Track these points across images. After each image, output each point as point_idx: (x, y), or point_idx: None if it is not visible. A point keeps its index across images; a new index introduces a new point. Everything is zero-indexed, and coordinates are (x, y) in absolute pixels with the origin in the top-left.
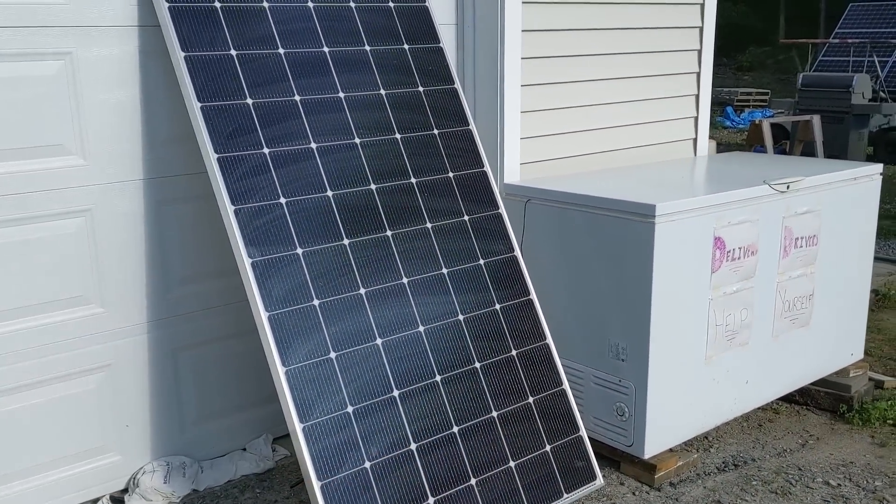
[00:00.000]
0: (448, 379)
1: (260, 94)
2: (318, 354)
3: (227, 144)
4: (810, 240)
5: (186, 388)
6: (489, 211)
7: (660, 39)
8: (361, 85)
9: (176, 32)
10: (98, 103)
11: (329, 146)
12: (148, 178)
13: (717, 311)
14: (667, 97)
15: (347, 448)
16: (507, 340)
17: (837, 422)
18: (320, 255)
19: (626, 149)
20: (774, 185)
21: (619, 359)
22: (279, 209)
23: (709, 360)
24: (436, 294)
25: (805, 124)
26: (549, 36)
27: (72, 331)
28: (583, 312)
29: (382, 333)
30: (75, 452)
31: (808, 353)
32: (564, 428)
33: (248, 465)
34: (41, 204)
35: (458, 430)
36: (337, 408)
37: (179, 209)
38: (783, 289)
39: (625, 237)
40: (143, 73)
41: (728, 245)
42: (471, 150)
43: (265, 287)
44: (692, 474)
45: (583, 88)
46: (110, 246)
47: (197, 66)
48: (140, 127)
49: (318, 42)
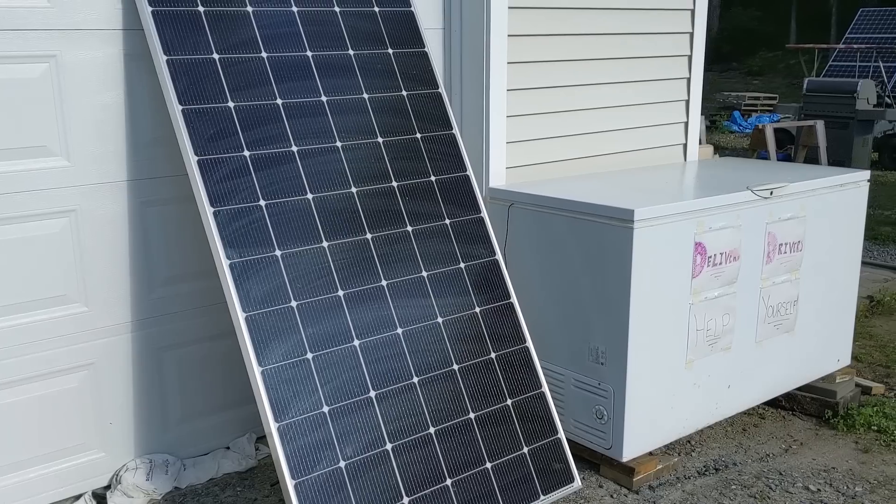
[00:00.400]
0: (425, 381)
1: (241, 98)
2: (294, 355)
3: (208, 147)
4: (795, 245)
5: (170, 387)
6: (471, 215)
7: (649, 45)
8: (344, 89)
9: (159, 36)
10: (82, 105)
11: (310, 149)
12: (132, 179)
13: (699, 316)
14: (656, 102)
15: (322, 447)
16: (486, 343)
17: (822, 427)
18: (299, 258)
19: (614, 153)
20: (757, 191)
21: (598, 362)
22: (258, 211)
23: (689, 364)
24: (415, 297)
25: (809, 129)
26: (535, 41)
27: (56, 329)
28: (564, 316)
29: (360, 335)
30: (58, 449)
31: (793, 358)
32: (542, 430)
33: (231, 463)
34: (26, 204)
35: (434, 431)
36: (313, 407)
37: (163, 210)
38: (767, 294)
39: (604, 242)
40: (128, 75)
41: (709, 250)
42: (453, 154)
43: (243, 288)
44: (672, 478)
45: (570, 93)
46: (94, 246)
47: (179, 70)
48: (124, 129)
49: (301, 46)
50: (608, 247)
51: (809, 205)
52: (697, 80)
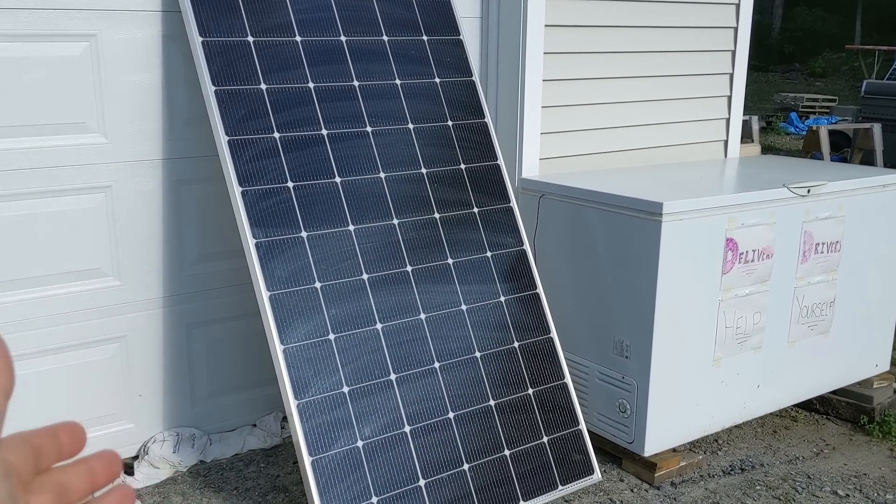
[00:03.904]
0: (447, 366)
1: (274, 80)
2: (317, 335)
3: (239, 127)
4: (832, 246)
5: (199, 363)
6: (500, 204)
7: (692, 39)
8: (377, 74)
9: (195, 18)
10: (120, 84)
11: (340, 133)
12: (166, 157)
13: (728, 313)
14: (696, 97)
15: (341, 426)
16: (509, 332)
17: (856, 433)
18: (325, 240)
19: (651, 148)
20: (794, 189)
21: (623, 355)
22: (286, 192)
23: (717, 362)
24: (439, 283)
25: (865, 132)
26: (573, 31)
27: (89, 301)
28: (590, 308)
29: (383, 318)
30: (89, 418)
31: (828, 361)
32: (564, 421)
33: (256, 440)
34: (64, 179)
35: (453, 416)
36: (333, 387)
37: (197, 189)
38: (801, 294)
39: (632, 235)
40: (165, 56)
41: (741, 247)
42: (485, 143)
43: (268, 268)
44: (695, 475)
45: (608, 85)
46: (128, 222)
47: (213, 51)
48: (160, 108)
49: (335, 31)
50: (636, 240)
51: (849, 205)
52: (741, 76)
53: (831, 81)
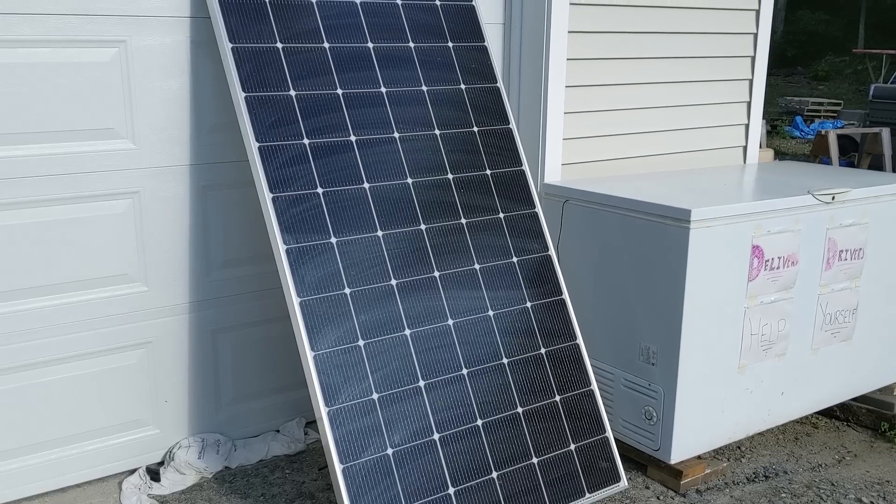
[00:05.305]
0: (475, 372)
1: (303, 87)
2: (346, 341)
3: (269, 134)
4: (856, 253)
5: (224, 369)
6: (525, 210)
7: (712, 45)
8: (403, 80)
9: (225, 24)
10: (149, 90)
11: (368, 139)
12: (194, 163)
13: (753, 320)
14: (717, 103)
15: (371, 434)
16: (536, 338)
17: (878, 440)
18: (354, 245)
19: (672, 153)
20: (818, 196)
21: (649, 362)
22: (316, 199)
23: (742, 368)
24: (467, 289)
25: (874, 137)
26: (595, 38)
27: (117, 307)
28: (616, 314)
29: (411, 324)
30: (116, 423)
31: (850, 368)
32: (590, 428)
33: (280, 446)
34: (92, 184)
35: (481, 424)
36: (363, 394)
37: (223, 195)
38: (825, 301)
39: (659, 241)
40: (193, 62)
41: (767, 254)
42: (509, 149)
43: (298, 274)
44: (720, 483)
45: (629, 91)
46: (155, 227)
47: (243, 58)
48: (188, 114)
49: (363, 37)
50: (663, 247)
51: (872, 212)
52: (760, 81)
53: (834, 85)
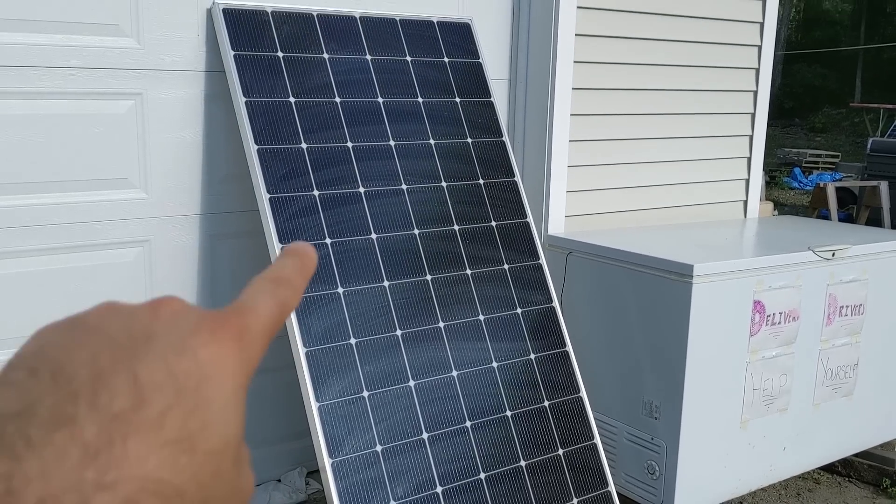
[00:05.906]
0: (478, 425)
1: (314, 140)
2: (351, 392)
3: (280, 185)
4: (856, 308)
5: None
6: (530, 261)
7: (713, 101)
8: (412, 134)
9: (239, 78)
10: (163, 141)
11: (377, 191)
12: (204, 213)
13: (755, 375)
14: (717, 158)
15: (374, 486)
16: (540, 390)
17: (880, 496)
18: (360, 296)
19: (674, 207)
20: (819, 252)
21: (652, 416)
22: (324, 249)
23: (745, 423)
24: (471, 340)
25: (872, 190)
26: (599, 94)
27: None
28: (619, 368)
29: (416, 375)
30: None
31: (851, 423)
32: (593, 482)
33: (282, 496)
34: (104, 232)
35: (484, 477)
36: (366, 446)
37: (232, 244)
38: (826, 357)
39: (662, 295)
40: (207, 114)
41: (768, 309)
42: (514, 201)
43: (305, 323)
44: None
45: (631, 146)
46: (165, 275)
47: (256, 111)
48: (200, 164)
49: (373, 93)
50: (666, 301)
51: (872, 268)
52: (760, 137)
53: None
